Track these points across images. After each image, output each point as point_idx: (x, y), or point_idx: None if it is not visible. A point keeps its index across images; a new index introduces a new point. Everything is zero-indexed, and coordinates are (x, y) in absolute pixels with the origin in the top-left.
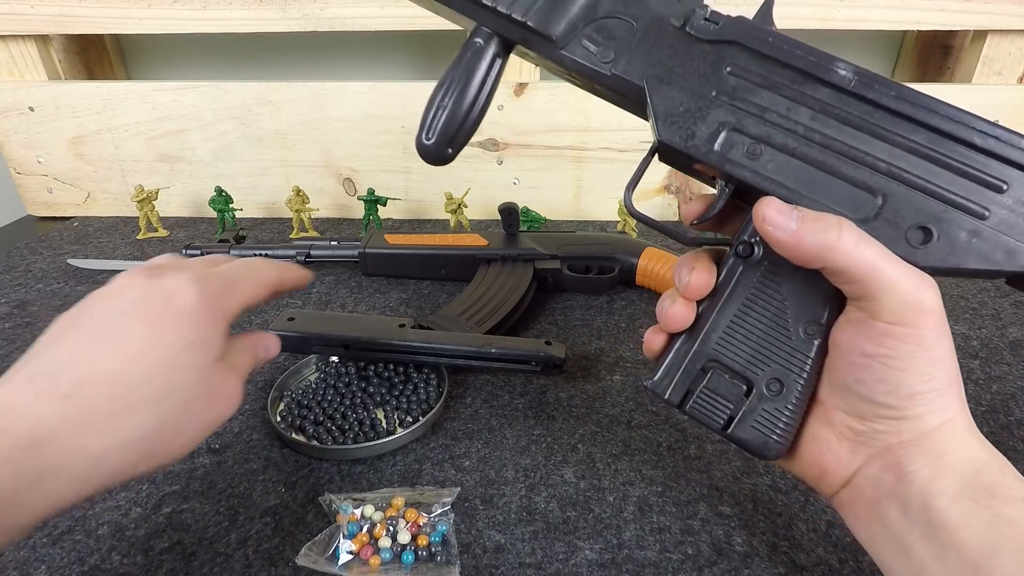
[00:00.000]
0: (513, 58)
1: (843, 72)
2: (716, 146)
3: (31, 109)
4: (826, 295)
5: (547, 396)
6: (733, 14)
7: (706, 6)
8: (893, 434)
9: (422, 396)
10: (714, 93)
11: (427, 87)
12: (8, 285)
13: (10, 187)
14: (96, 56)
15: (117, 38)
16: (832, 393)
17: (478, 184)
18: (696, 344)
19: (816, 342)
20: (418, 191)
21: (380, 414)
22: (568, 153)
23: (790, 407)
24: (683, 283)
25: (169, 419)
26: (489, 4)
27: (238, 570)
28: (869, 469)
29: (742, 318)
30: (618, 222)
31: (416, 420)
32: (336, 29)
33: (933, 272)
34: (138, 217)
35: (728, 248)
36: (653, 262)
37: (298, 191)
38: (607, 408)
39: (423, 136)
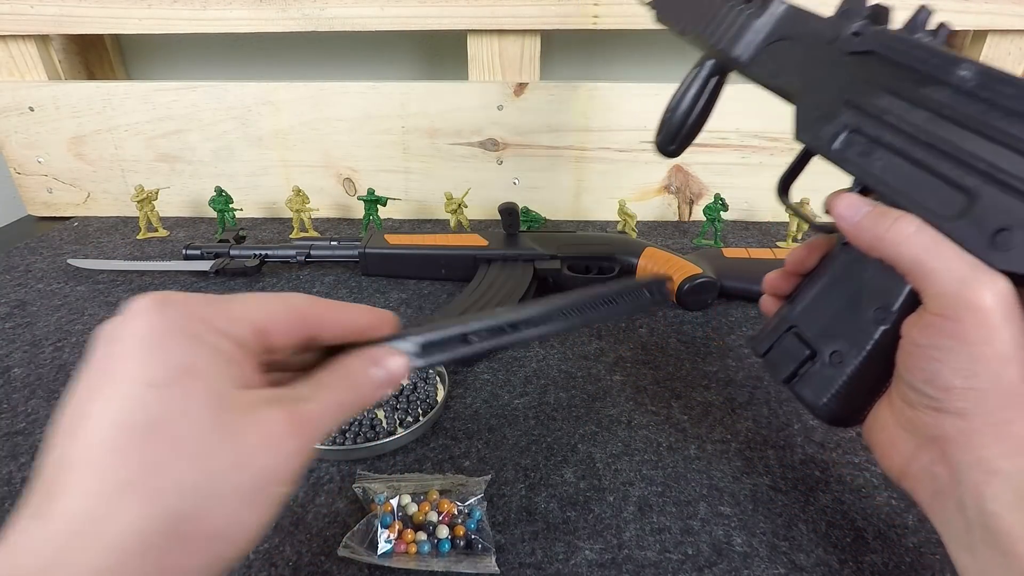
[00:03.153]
0: (511, 56)
1: (963, 73)
2: (836, 145)
3: (31, 109)
4: (899, 288)
5: (547, 396)
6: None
7: (859, 22)
8: (934, 426)
9: (422, 396)
10: (845, 98)
11: (427, 87)
12: (8, 285)
13: (10, 187)
14: (96, 56)
15: (117, 38)
16: (895, 379)
17: (478, 184)
18: (787, 308)
19: (882, 327)
20: (418, 191)
21: (380, 414)
22: (568, 153)
23: (844, 379)
24: (787, 256)
25: (175, 488)
26: (704, 40)
27: (238, 570)
28: (921, 459)
29: (825, 295)
30: (618, 222)
31: (416, 420)
32: (336, 29)
33: (1015, 277)
34: (138, 217)
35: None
36: (653, 262)
37: (298, 191)
38: (607, 408)
39: (655, 134)
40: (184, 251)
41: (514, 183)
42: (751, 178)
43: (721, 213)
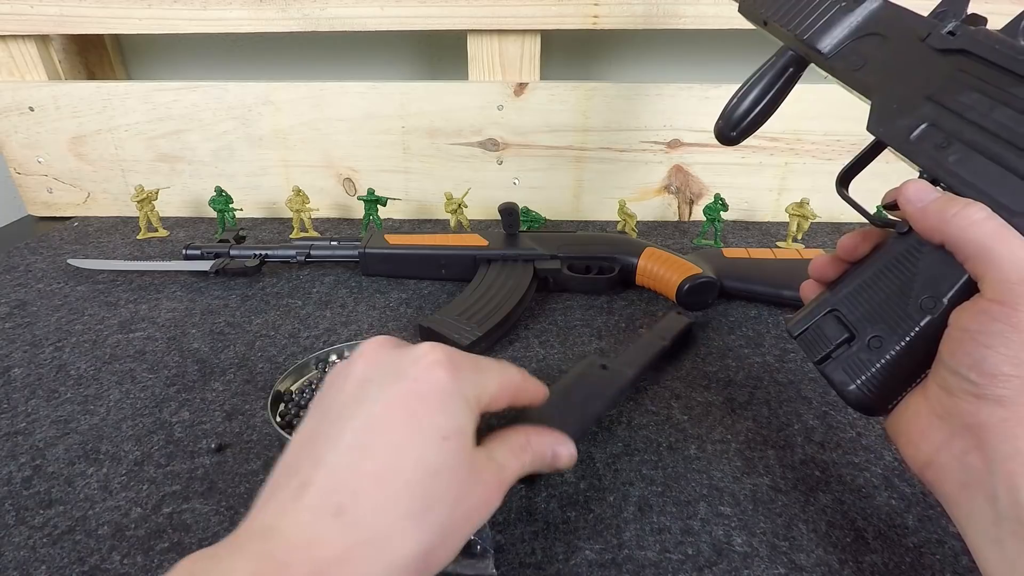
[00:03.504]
0: (511, 56)
1: None
2: (912, 137)
3: (31, 109)
4: (954, 278)
5: None
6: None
7: (954, 22)
8: (972, 414)
9: None
10: (927, 94)
11: (427, 87)
12: (8, 285)
13: (10, 187)
14: (96, 56)
15: (117, 38)
16: (935, 366)
17: (478, 184)
18: (829, 293)
19: (928, 317)
20: (418, 191)
21: None
22: (568, 153)
23: (880, 363)
24: (839, 242)
25: (437, 527)
26: (789, 31)
27: None
28: (953, 448)
29: (874, 281)
30: (618, 222)
31: None
32: (336, 29)
33: None
34: (138, 217)
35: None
36: (653, 262)
37: (298, 191)
38: None
39: (718, 119)
40: (184, 251)
41: (514, 183)
42: (751, 178)
43: (721, 213)
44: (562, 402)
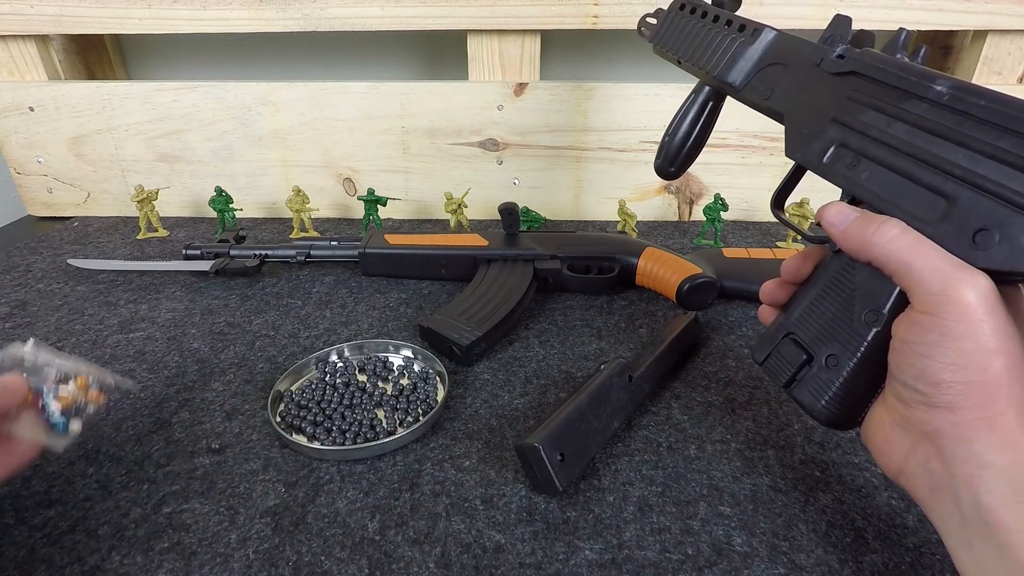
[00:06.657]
0: (511, 56)
1: (938, 88)
2: (824, 159)
3: (31, 109)
4: (889, 290)
5: (547, 396)
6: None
7: (842, 46)
8: (927, 422)
9: (422, 396)
10: (831, 116)
11: (427, 87)
12: (8, 285)
13: (10, 187)
14: (96, 56)
15: (117, 38)
16: (889, 378)
17: (478, 184)
18: (784, 317)
19: (874, 329)
20: (418, 191)
21: (380, 414)
22: (568, 153)
23: (840, 380)
24: (782, 265)
25: None
26: (700, 68)
27: (238, 570)
28: (918, 456)
29: (819, 301)
30: (618, 222)
31: (416, 420)
32: (336, 29)
33: (996, 275)
34: (138, 217)
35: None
36: (653, 262)
37: (298, 191)
38: None
39: (656, 157)
40: (184, 251)
41: (514, 183)
42: (751, 178)
43: (721, 213)
44: (592, 414)
